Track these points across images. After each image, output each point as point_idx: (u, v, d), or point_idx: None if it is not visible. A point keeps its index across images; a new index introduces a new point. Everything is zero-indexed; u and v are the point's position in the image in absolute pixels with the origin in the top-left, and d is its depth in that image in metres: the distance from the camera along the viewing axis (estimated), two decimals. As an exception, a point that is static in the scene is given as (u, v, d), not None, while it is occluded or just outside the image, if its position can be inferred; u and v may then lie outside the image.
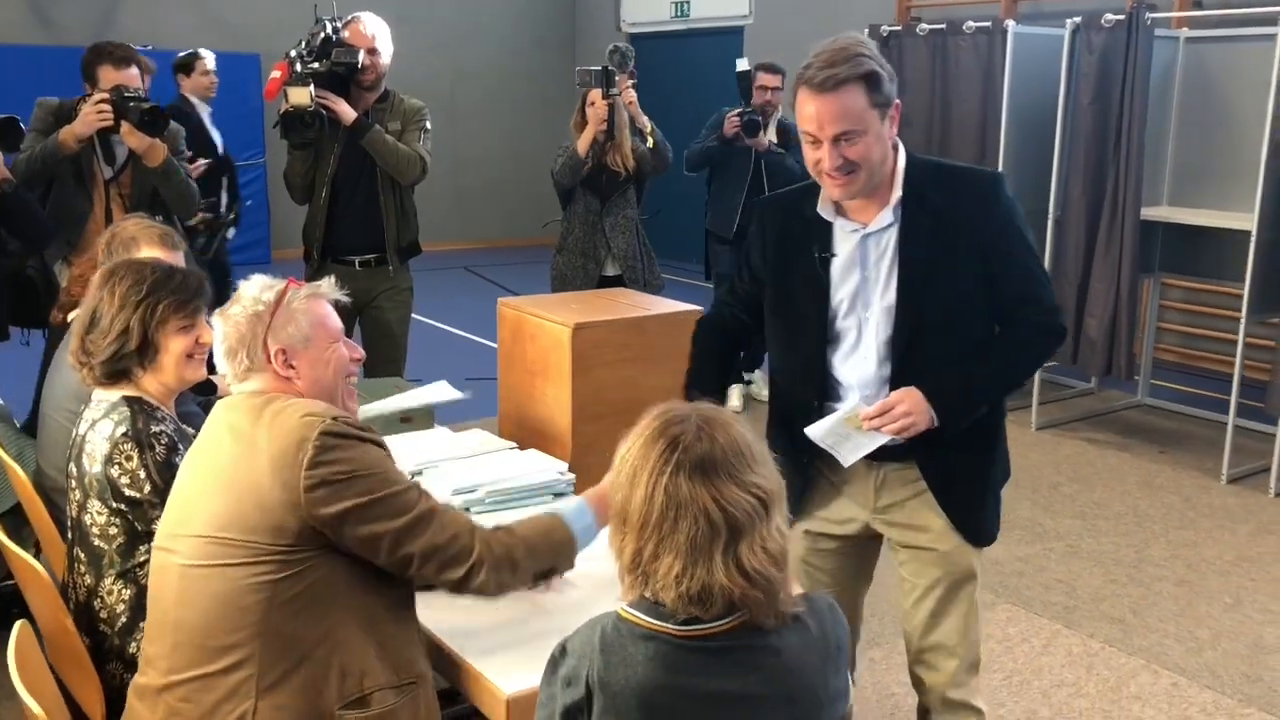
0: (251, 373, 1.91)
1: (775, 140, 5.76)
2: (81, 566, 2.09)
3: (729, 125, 5.66)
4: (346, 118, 3.95)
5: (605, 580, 2.14)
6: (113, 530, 2.05)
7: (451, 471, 2.65)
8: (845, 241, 2.16)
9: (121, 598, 2.07)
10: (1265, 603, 3.84)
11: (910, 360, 2.12)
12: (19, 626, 1.78)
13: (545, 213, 7.19)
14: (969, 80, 5.96)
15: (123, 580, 2.07)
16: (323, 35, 4.00)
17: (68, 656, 2.04)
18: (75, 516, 2.10)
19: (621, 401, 2.91)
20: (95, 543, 2.06)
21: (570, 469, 2.71)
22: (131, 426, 2.05)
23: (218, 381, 3.18)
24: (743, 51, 10.18)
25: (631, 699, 1.36)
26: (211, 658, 1.77)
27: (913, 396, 2.07)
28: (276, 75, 3.91)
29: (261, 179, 10.23)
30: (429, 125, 4.19)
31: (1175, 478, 5.09)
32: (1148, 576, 4.04)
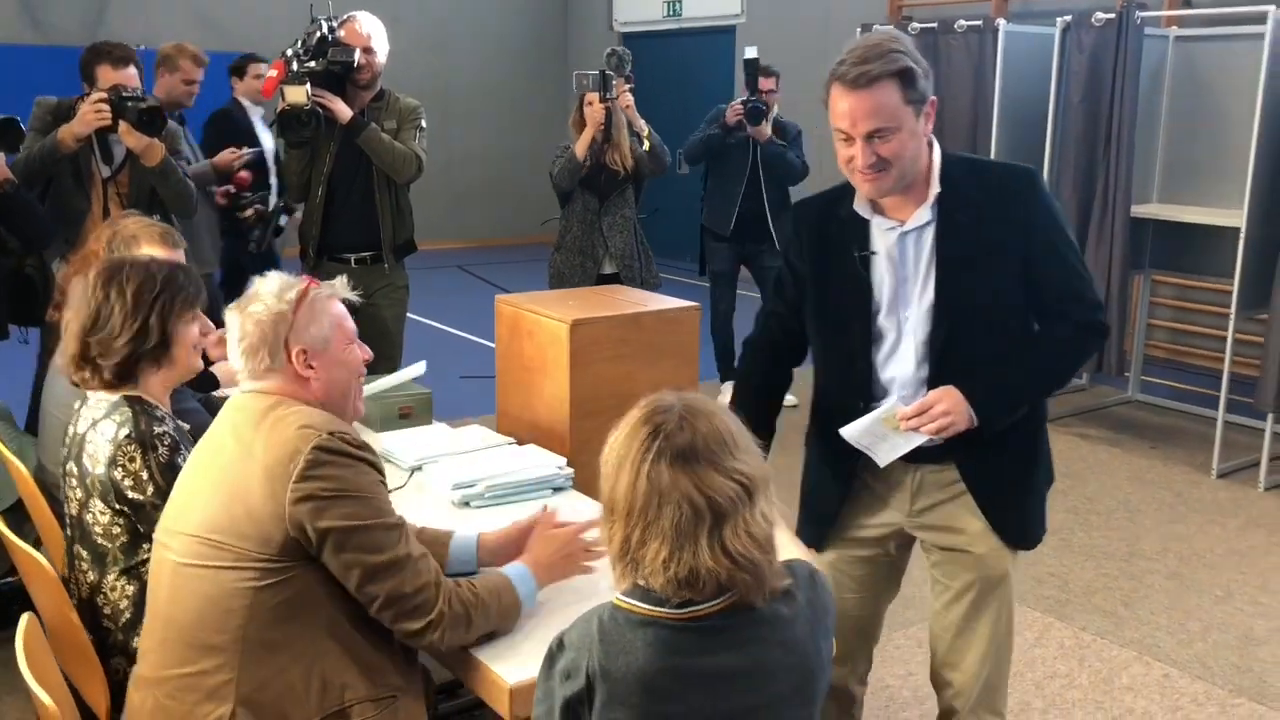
0: (271, 372, 1.90)
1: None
2: (84, 564, 2.09)
3: (732, 112, 5.64)
4: (343, 116, 3.96)
5: (608, 573, 2.17)
6: (115, 530, 2.06)
7: (451, 466, 2.67)
8: (883, 240, 2.11)
9: (125, 594, 2.08)
10: (1255, 595, 3.88)
11: (948, 360, 2.08)
12: (26, 620, 1.80)
13: (538, 211, 7.22)
14: (960, 79, 5.98)
15: (126, 577, 2.08)
16: (319, 34, 4.00)
17: (72, 651, 2.05)
18: (76, 515, 2.10)
19: (619, 397, 2.90)
20: (98, 541, 2.07)
21: (568, 464, 2.73)
22: (135, 428, 2.04)
23: (218, 373, 3.20)
24: (735, 51, 10.22)
25: (633, 684, 1.39)
26: (195, 658, 1.79)
27: (952, 396, 2.03)
28: (273, 74, 3.92)
29: (254, 179, 10.26)
30: (424, 124, 4.20)
31: (1166, 473, 5.13)
32: (1139, 570, 4.08)
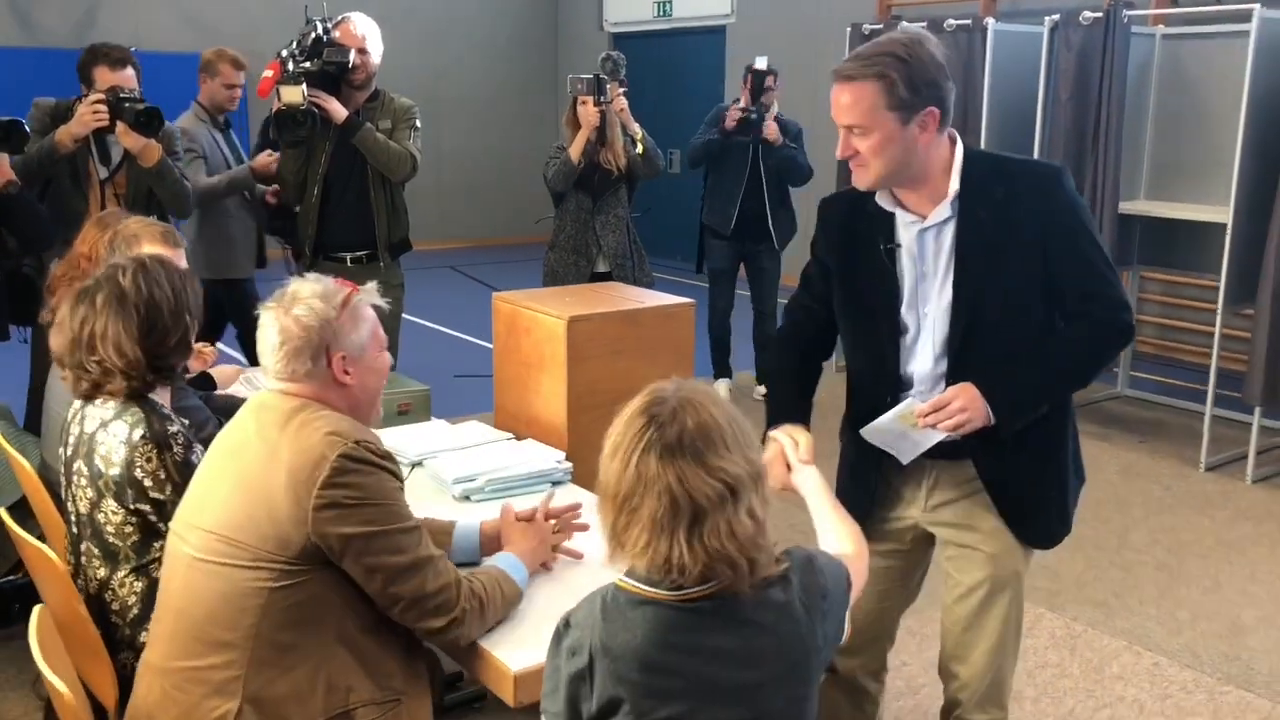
0: (308, 376, 1.90)
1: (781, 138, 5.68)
2: (95, 560, 2.11)
3: (730, 118, 5.64)
4: (338, 116, 3.99)
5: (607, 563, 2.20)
6: (128, 529, 2.08)
7: (452, 461, 2.70)
8: (905, 234, 2.12)
9: (133, 590, 2.10)
10: (1242, 585, 3.94)
11: (966, 357, 2.08)
12: (38, 612, 1.82)
13: (530, 211, 7.26)
14: (950, 77, 6.01)
15: (135, 574, 2.10)
16: (314, 35, 4.03)
17: (80, 644, 2.07)
18: (87, 513, 2.11)
19: (616, 392, 2.93)
20: (110, 539, 2.09)
21: (566, 458, 2.77)
22: (149, 428, 2.05)
23: (215, 374, 3.22)
24: (725, 51, 10.26)
25: (632, 661, 1.44)
26: (204, 652, 1.81)
27: (969, 393, 2.03)
28: (269, 74, 3.95)
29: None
30: (419, 124, 4.24)
31: (1155, 466, 5.18)
32: (1129, 561, 4.13)
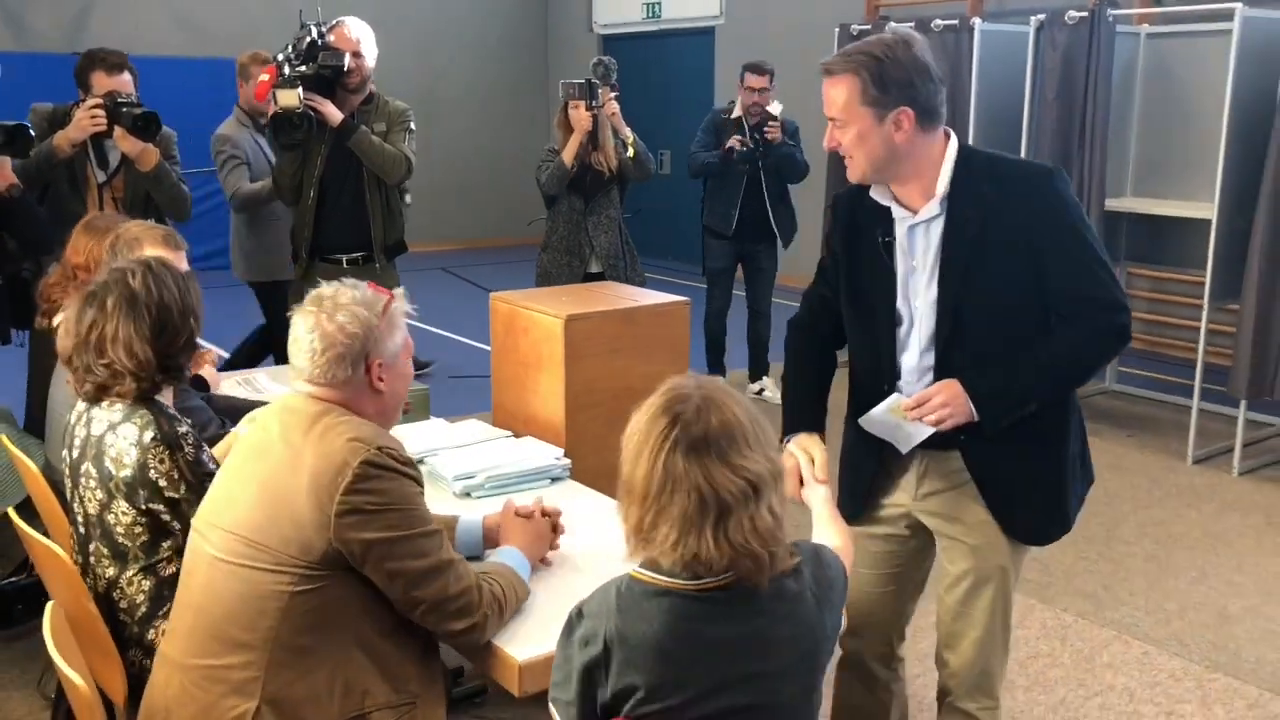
0: (348, 384, 1.91)
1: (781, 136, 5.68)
2: (104, 560, 2.15)
3: (731, 143, 5.67)
4: (333, 119, 4.03)
5: (605, 555, 2.25)
6: (138, 529, 2.11)
7: (452, 459, 2.74)
8: (899, 228, 2.16)
9: (141, 589, 2.13)
10: (1229, 575, 4.00)
11: (951, 352, 2.12)
12: (51, 609, 1.86)
13: (522, 213, 7.28)
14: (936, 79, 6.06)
15: (144, 573, 2.13)
16: (309, 39, 4.07)
17: (89, 642, 2.11)
18: (96, 514, 2.14)
19: (613, 390, 3.02)
20: (120, 539, 2.12)
21: (565, 455, 2.81)
22: (158, 430, 2.08)
23: (208, 375, 3.24)
24: (714, 52, 10.30)
25: (649, 650, 1.47)
26: (223, 651, 1.84)
27: (951, 389, 2.07)
28: (265, 78, 3.99)
29: (237, 183, 10.25)
30: (413, 126, 4.28)
31: (1143, 460, 5.24)
32: (1118, 553, 4.18)
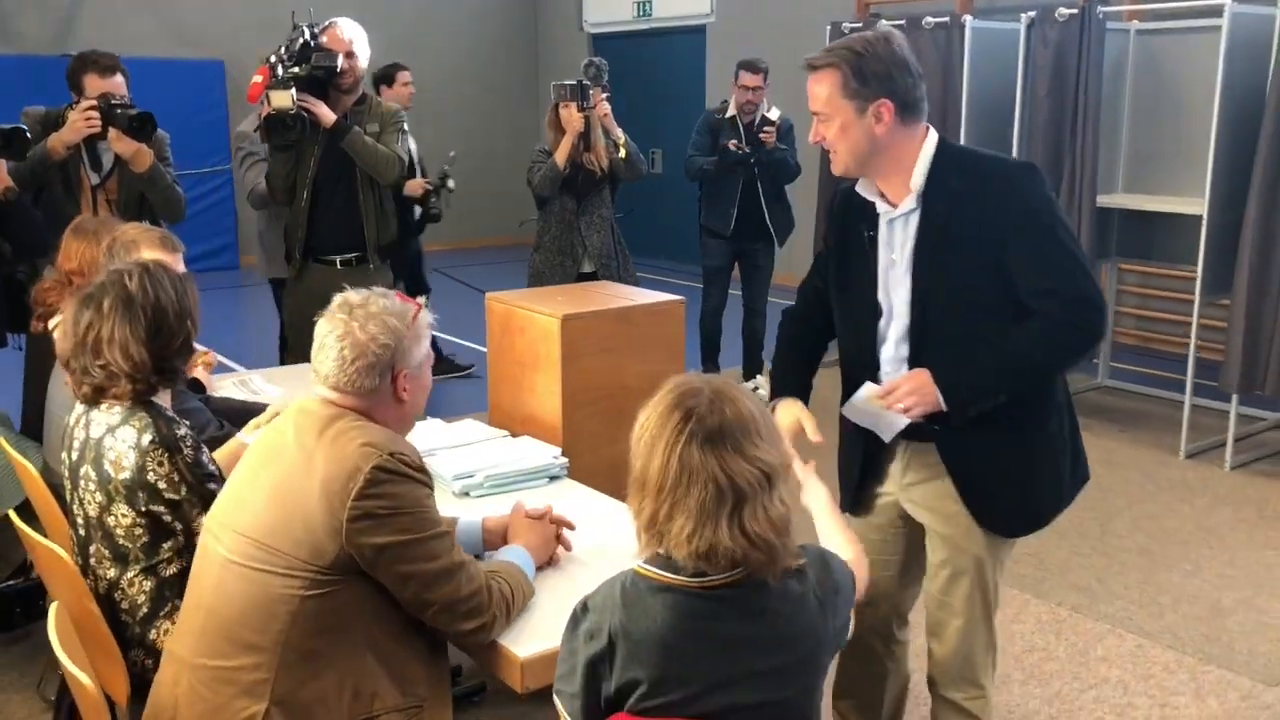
0: (373, 393, 1.91)
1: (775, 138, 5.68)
2: (105, 562, 2.15)
3: (728, 146, 5.69)
4: (326, 120, 4.03)
5: (605, 552, 2.26)
6: (138, 530, 2.12)
7: (450, 459, 2.74)
8: (882, 221, 2.21)
9: (142, 589, 2.14)
10: (1222, 569, 4.02)
11: (923, 344, 2.17)
12: (55, 609, 1.86)
13: (513, 213, 7.28)
14: (929, 74, 5.98)
15: (144, 574, 2.14)
16: (301, 40, 4.07)
17: (92, 642, 2.11)
18: (96, 517, 2.15)
19: (609, 389, 3.03)
20: (120, 541, 2.13)
21: (562, 454, 2.82)
22: (157, 433, 2.09)
23: (202, 377, 3.24)
24: (705, 50, 10.31)
25: (652, 645, 1.49)
26: (233, 653, 1.84)
27: (918, 379, 2.12)
28: (258, 80, 3.98)
29: (227, 185, 10.21)
30: (406, 127, 4.28)
31: (1136, 455, 5.27)
32: (1111, 547, 4.21)
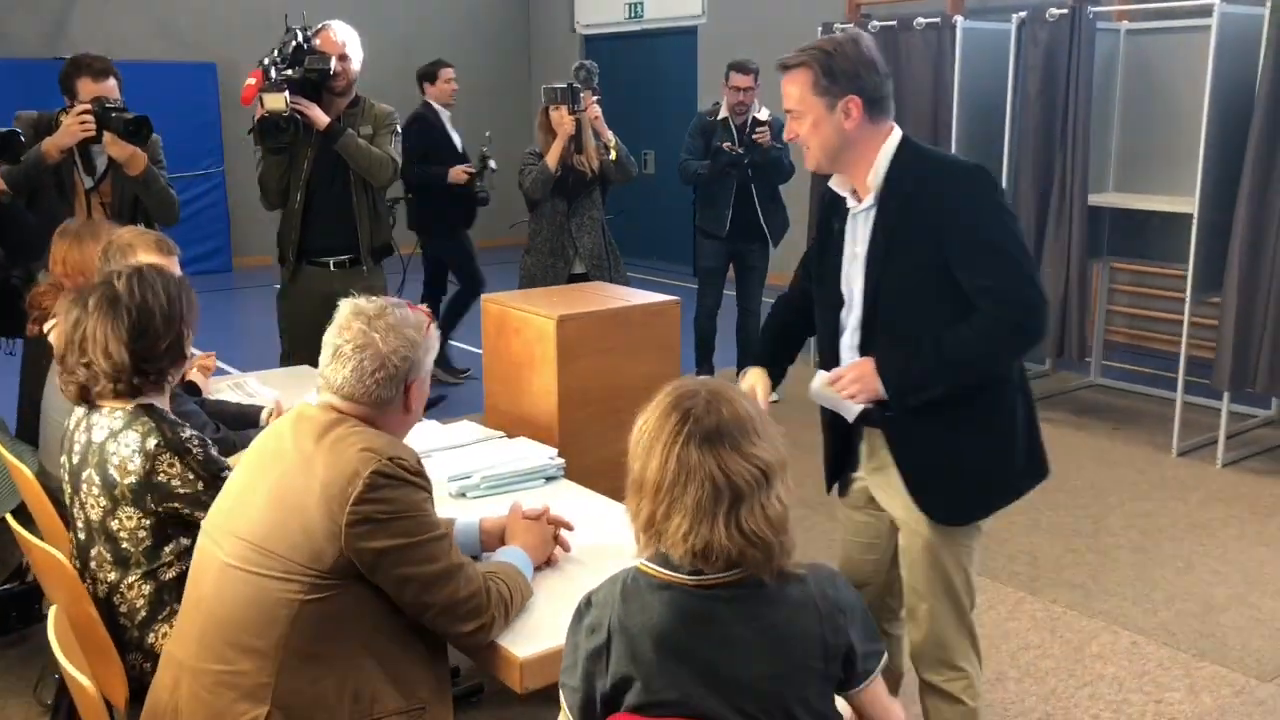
0: (385, 402, 1.92)
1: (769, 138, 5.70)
2: (106, 565, 2.16)
3: (722, 153, 5.71)
4: (320, 122, 4.04)
5: (603, 552, 2.27)
6: (141, 534, 2.12)
7: (446, 460, 2.75)
8: (849, 216, 2.31)
9: (142, 593, 2.15)
10: (1215, 565, 4.04)
11: (872, 335, 2.27)
12: (54, 612, 1.87)
13: (504, 215, 7.28)
14: (920, 75, 6.11)
15: (145, 578, 2.15)
16: (295, 43, 4.07)
17: (90, 645, 2.11)
18: (99, 520, 2.15)
19: (606, 389, 3.04)
20: (123, 544, 2.13)
21: (558, 454, 2.83)
22: (162, 436, 2.09)
23: (197, 379, 3.24)
24: (697, 52, 10.32)
25: (647, 639, 1.51)
26: (234, 657, 1.84)
27: (862, 368, 2.23)
28: (252, 82, 3.98)
29: (220, 188, 10.21)
30: (399, 129, 4.29)
31: (1128, 452, 5.29)
32: (1105, 545, 4.22)
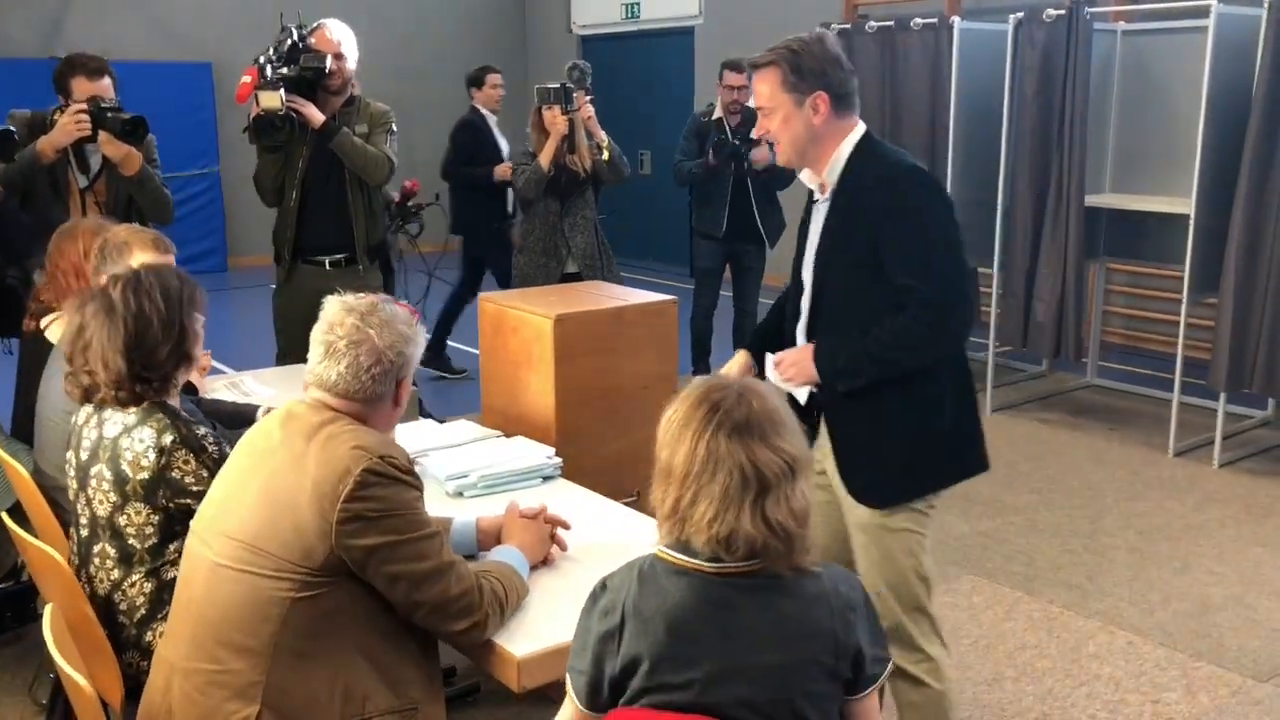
0: (376, 399, 1.92)
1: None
2: (109, 562, 2.16)
3: (716, 150, 5.69)
4: (315, 121, 4.03)
5: (601, 552, 2.27)
6: (149, 529, 2.13)
7: (444, 459, 2.74)
8: (815, 208, 2.42)
9: (143, 591, 2.15)
10: (1211, 565, 4.05)
11: (815, 324, 2.38)
12: (50, 611, 1.86)
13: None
14: (917, 76, 6.11)
15: (147, 576, 2.15)
16: (290, 41, 4.06)
17: (86, 644, 2.11)
18: (106, 516, 2.14)
19: (603, 389, 3.04)
20: (130, 541, 2.13)
21: (555, 453, 2.82)
22: (177, 433, 2.10)
23: (194, 379, 3.22)
24: (693, 52, 10.32)
25: (660, 622, 1.52)
26: (224, 657, 1.84)
27: (798, 354, 2.36)
28: (247, 80, 3.97)
29: (216, 188, 10.20)
30: (395, 128, 4.28)
31: (1125, 453, 5.29)
32: (1101, 545, 4.23)
